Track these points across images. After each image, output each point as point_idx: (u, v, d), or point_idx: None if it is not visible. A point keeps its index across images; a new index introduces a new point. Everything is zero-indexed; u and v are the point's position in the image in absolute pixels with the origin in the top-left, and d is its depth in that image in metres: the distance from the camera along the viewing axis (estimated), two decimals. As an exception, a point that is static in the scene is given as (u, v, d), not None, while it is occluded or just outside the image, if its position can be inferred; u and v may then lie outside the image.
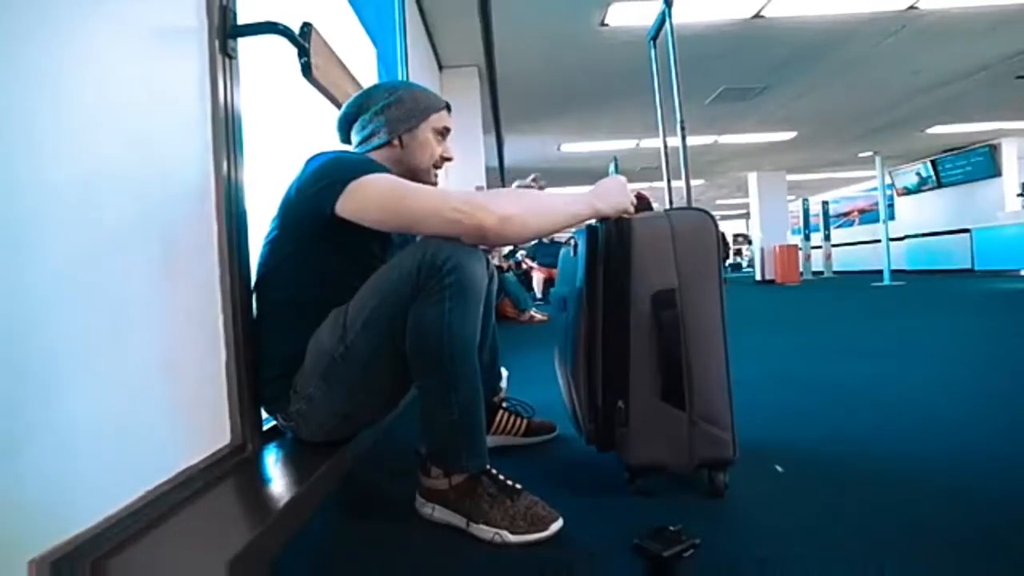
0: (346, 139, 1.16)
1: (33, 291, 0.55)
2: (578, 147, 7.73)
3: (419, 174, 1.11)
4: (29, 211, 0.55)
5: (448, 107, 1.17)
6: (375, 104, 1.10)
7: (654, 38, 2.27)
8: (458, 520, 0.91)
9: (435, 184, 1.15)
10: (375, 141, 1.10)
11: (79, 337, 0.60)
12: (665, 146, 2.27)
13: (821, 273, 10.48)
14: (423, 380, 0.90)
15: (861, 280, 8.34)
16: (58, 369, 0.57)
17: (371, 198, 0.90)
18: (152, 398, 0.71)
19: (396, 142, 1.10)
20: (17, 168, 0.54)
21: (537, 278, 7.43)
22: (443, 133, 1.15)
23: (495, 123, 5.70)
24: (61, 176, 0.59)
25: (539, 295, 7.24)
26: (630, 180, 1.05)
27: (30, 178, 0.55)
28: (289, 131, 1.54)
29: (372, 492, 1.12)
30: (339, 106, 1.40)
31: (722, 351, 0.97)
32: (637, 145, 7.71)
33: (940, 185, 9.72)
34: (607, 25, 3.92)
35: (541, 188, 3.67)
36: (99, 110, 0.65)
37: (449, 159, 1.17)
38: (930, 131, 7.92)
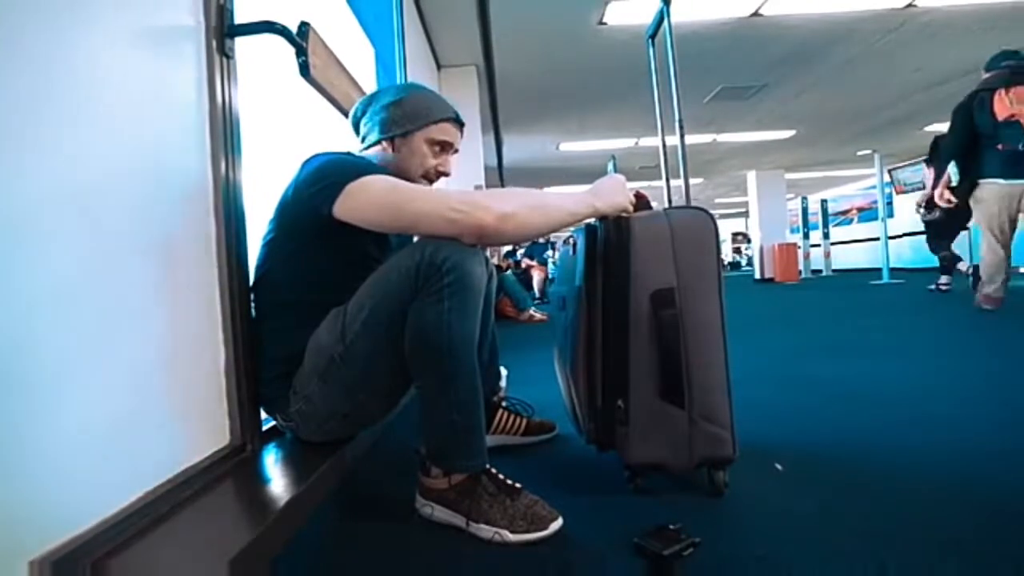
0: (359, 138, 1.16)
1: (32, 292, 0.55)
2: (577, 146, 7.72)
3: (406, 179, 1.05)
4: (27, 211, 0.55)
5: (456, 120, 1.11)
6: (379, 102, 1.10)
7: (652, 37, 2.26)
8: (458, 520, 0.91)
9: None
10: (370, 139, 1.11)
11: (79, 337, 0.60)
12: (663, 145, 2.27)
13: (820, 271, 10.48)
14: (423, 379, 0.90)
15: (860, 278, 8.34)
16: (58, 370, 0.57)
17: (369, 199, 0.90)
18: (152, 399, 0.71)
19: (387, 144, 1.09)
20: (15, 169, 0.54)
21: (538, 277, 7.44)
22: (442, 146, 1.10)
23: (494, 122, 5.70)
24: (59, 176, 0.59)
25: (538, 294, 7.25)
26: (629, 179, 1.05)
27: (28, 178, 0.55)
28: (287, 131, 1.54)
29: (372, 492, 1.12)
30: (337, 105, 1.40)
31: (721, 350, 0.97)
32: (636, 144, 7.71)
33: (939, 183, 9.69)
34: (605, 24, 3.92)
35: None
36: (96, 110, 0.65)
37: (445, 174, 1.12)
38: (929, 129, 7.91)
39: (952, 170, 2.98)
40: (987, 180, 2.88)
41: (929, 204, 4.09)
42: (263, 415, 1.01)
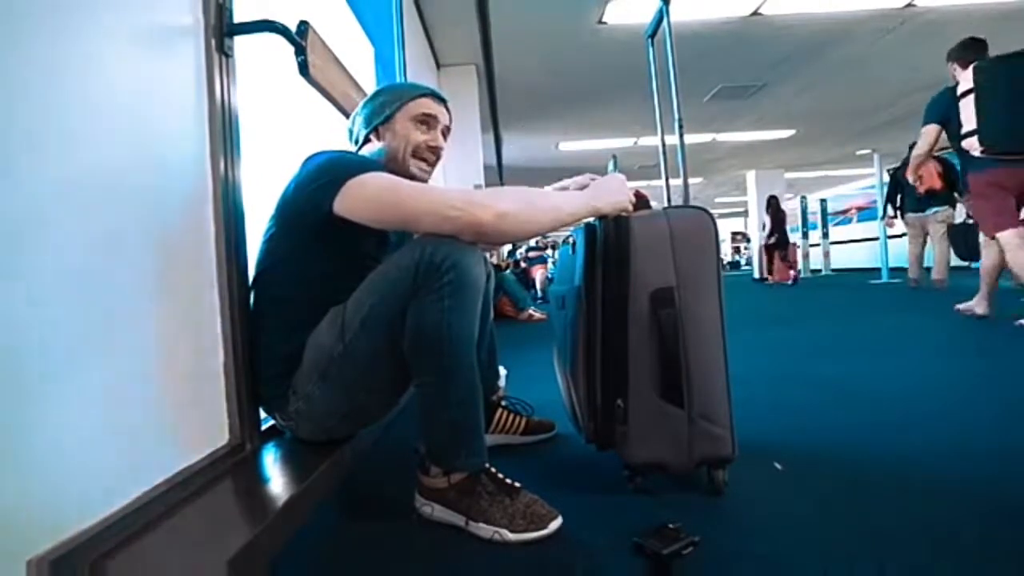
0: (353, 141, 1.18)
1: (31, 290, 0.55)
2: (576, 145, 7.72)
3: (401, 166, 1.08)
4: (26, 211, 0.55)
5: (432, 95, 1.12)
6: (360, 106, 1.14)
7: (652, 36, 2.26)
8: (457, 519, 0.91)
9: (423, 179, 1.11)
10: (360, 138, 1.13)
11: (77, 337, 0.60)
12: (663, 144, 2.27)
13: (819, 271, 10.48)
14: (422, 378, 0.90)
15: (859, 277, 8.34)
16: (57, 369, 0.57)
17: (368, 196, 0.90)
18: (150, 398, 0.71)
19: (373, 136, 1.11)
20: (13, 167, 0.54)
21: (541, 275, 7.44)
22: (426, 121, 1.10)
23: (493, 121, 5.70)
24: (58, 175, 0.59)
25: (540, 293, 7.25)
26: (628, 178, 1.05)
27: (27, 177, 0.55)
28: (287, 130, 1.54)
29: (372, 491, 1.12)
30: (336, 104, 1.40)
31: (721, 349, 0.97)
32: (635, 143, 7.71)
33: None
34: (605, 23, 3.92)
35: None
36: (96, 109, 0.65)
37: (436, 147, 1.11)
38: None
39: (889, 208, 5.58)
40: (907, 214, 5.29)
41: (771, 233, 8.38)
42: (262, 414, 1.01)
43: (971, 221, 4.22)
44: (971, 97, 2.54)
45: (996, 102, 2.45)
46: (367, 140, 1.12)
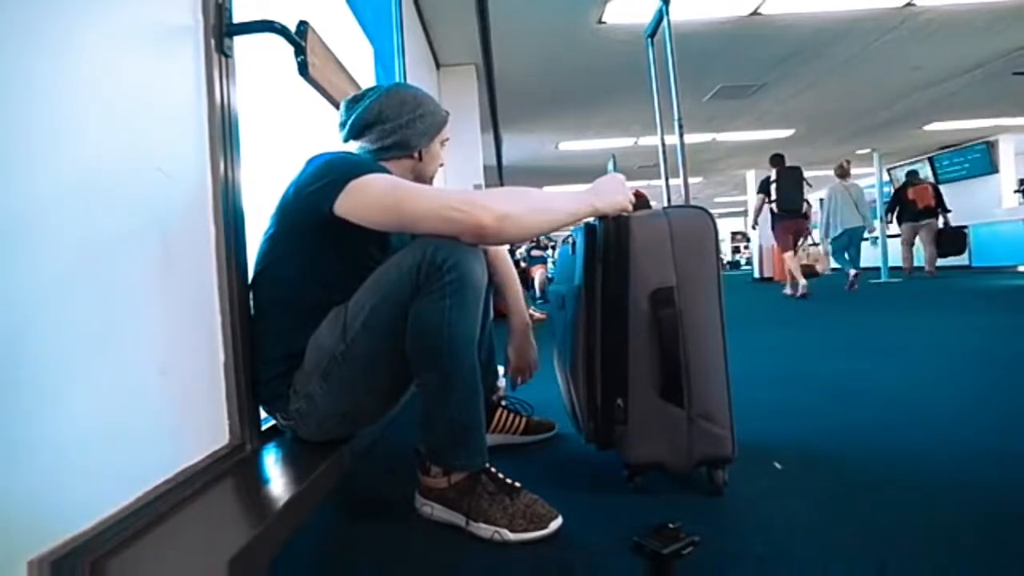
0: (351, 139, 1.12)
1: (31, 291, 0.55)
2: (576, 145, 7.72)
3: (426, 181, 1.17)
4: (25, 211, 0.55)
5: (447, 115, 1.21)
6: (400, 116, 1.09)
7: (651, 35, 2.26)
8: (457, 519, 0.91)
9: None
10: (396, 152, 1.10)
11: (77, 337, 0.60)
12: (663, 144, 2.26)
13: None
14: (423, 378, 0.90)
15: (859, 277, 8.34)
16: (57, 369, 0.57)
17: (370, 197, 0.90)
18: (151, 398, 0.71)
19: (416, 155, 1.14)
20: (12, 168, 0.54)
21: (540, 276, 7.44)
22: (444, 143, 1.20)
23: (493, 121, 5.70)
24: (57, 176, 0.59)
25: (539, 293, 7.25)
26: (628, 178, 1.05)
27: (26, 178, 0.55)
28: (287, 130, 1.54)
29: (372, 491, 1.12)
30: (336, 105, 1.39)
31: (721, 349, 0.97)
32: (635, 143, 7.70)
33: (938, 182, 9.72)
34: (604, 23, 3.92)
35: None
36: (95, 109, 0.65)
37: (441, 164, 1.22)
38: (928, 128, 7.92)
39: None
40: (903, 223, 7.24)
41: None
42: (262, 414, 1.01)
43: (953, 227, 7.14)
44: (776, 183, 5.40)
45: (783, 188, 5.39)
46: (408, 155, 1.12)
